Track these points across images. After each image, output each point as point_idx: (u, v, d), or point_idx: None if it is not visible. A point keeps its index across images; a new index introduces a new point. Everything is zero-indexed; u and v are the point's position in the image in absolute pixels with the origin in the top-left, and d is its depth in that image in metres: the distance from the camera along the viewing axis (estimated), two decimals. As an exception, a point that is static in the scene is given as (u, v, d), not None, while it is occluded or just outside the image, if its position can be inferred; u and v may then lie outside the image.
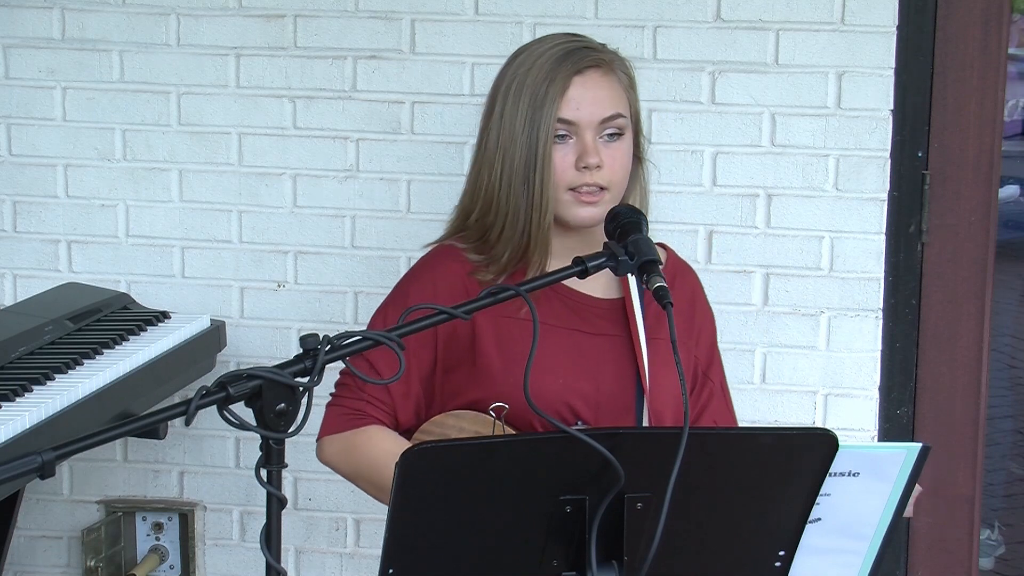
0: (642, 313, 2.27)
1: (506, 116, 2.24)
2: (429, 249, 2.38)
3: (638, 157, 2.32)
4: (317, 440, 2.31)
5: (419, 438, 2.27)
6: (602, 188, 2.22)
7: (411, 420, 2.29)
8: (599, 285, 2.26)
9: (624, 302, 2.30)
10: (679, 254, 2.46)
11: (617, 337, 2.28)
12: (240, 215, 3.36)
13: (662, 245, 2.41)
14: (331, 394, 2.32)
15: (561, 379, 2.22)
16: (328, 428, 2.29)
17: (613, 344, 2.27)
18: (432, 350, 2.27)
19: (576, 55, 2.23)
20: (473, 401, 2.24)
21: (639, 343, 2.25)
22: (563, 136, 2.22)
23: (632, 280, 2.28)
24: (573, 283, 2.18)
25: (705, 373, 2.38)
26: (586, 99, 2.21)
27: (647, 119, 3.16)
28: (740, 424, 2.57)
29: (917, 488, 1.91)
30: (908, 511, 1.92)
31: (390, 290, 2.40)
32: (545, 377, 2.20)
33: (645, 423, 2.23)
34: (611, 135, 2.23)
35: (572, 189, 2.22)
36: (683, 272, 2.41)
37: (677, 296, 2.30)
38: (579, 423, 2.21)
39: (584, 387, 2.23)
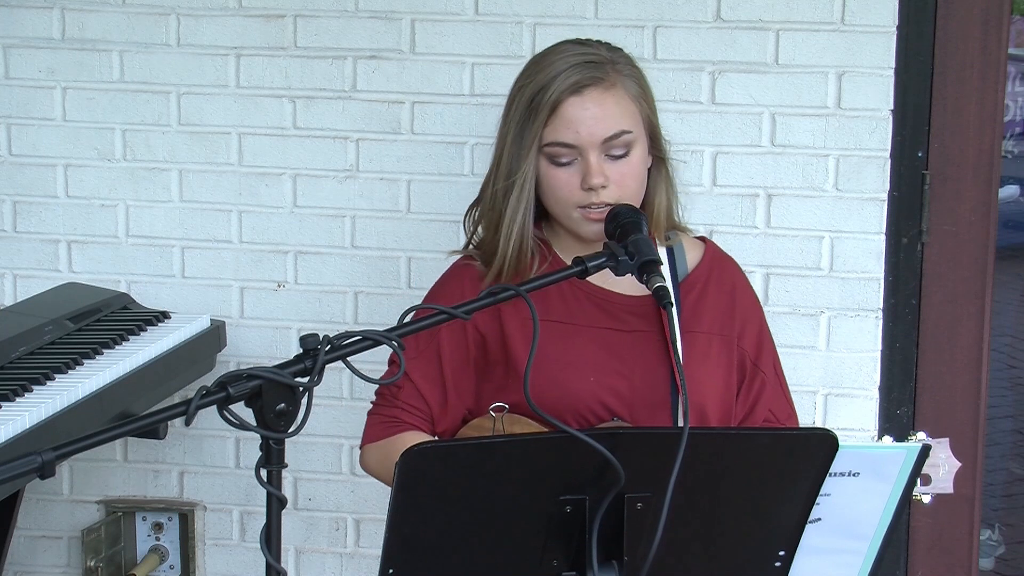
0: (677, 307, 2.27)
1: (508, 124, 2.27)
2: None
3: (660, 158, 2.31)
4: (360, 449, 2.37)
5: None
6: (611, 205, 2.20)
7: (455, 424, 2.32)
8: (629, 283, 2.25)
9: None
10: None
11: (649, 333, 2.27)
12: (240, 215, 3.36)
13: (702, 238, 2.43)
14: (372, 402, 2.38)
15: (594, 377, 2.22)
16: (367, 437, 2.35)
17: (645, 340, 2.27)
18: (466, 354, 2.29)
19: (575, 72, 2.21)
20: (513, 403, 2.24)
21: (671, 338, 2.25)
22: (567, 162, 2.22)
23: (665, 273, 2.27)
24: (603, 282, 2.17)
25: (755, 363, 2.36)
26: (585, 121, 2.20)
27: (647, 119, 3.16)
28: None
29: (956, 463, 1.91)
30: (948, 487, 1.93)
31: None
32: (578, 376, 2.21)
33: (680, 418, 2.22)
34: (617, 156, 2.22)
35: (582, 207, 2.22)
36: (721, 264, 2.39)
37: (715, 288, 2.32)
38: (615, 420, 2.21)
39: (618, 384, 2.23)
